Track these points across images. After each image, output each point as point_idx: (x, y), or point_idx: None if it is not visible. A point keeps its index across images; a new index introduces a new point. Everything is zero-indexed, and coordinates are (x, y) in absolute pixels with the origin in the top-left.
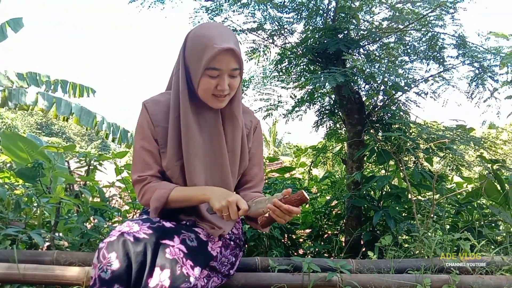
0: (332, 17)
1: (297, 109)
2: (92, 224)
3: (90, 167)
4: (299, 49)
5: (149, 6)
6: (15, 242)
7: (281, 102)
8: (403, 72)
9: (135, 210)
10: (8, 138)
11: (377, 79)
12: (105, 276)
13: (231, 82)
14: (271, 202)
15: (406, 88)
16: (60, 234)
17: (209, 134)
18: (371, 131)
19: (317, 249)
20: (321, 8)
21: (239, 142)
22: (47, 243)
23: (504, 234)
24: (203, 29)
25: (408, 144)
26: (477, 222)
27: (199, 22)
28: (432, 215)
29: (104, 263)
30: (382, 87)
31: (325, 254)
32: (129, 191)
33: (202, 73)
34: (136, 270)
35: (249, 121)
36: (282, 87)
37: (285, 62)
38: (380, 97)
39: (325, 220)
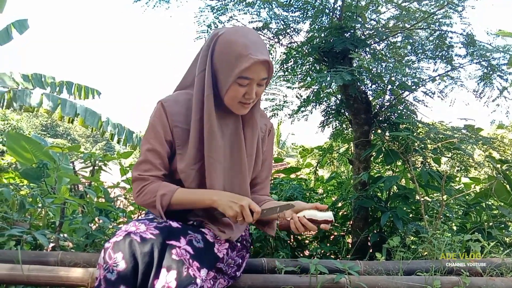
0: (338, 16)
1: (302, 109)
2: (97, 224)
3: (95, 168)
4: (305, 48)
5: (154, 6)
6: (20, 243)
7: (287, 102)
8: (410, 72)
9: (140, 211)
10: (12, 139)
11: (384, 79)
12: (111, 277)
13: (257, 90)
14: (283, 210)
15: (413, 87)
16: (65, 235)
17: (229, 139)
18: (378, 131)
19: (323, 251)
20: (327, 7)
21: (255, 146)
22: (52, 244)
23: None
24: (236, 34)
25: (416, 144)
26: (486, 223)
27: (204, 21)
28: (440, 216)
29: (110, 264)
30: (389, 87)
31: (331, 256)
32: None
33: (233, 81)
34: (143, 271)
35: (264, 124)
36: (288, 87)
37: (290, 62)
38: (387, 97)
39: None
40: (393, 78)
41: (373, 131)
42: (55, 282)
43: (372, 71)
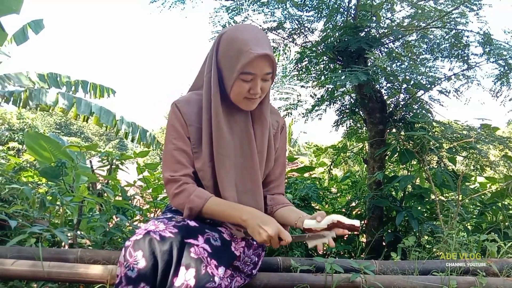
0: (353, 15)
1: (316, 108)
2: (114, 222)
3: (112, 166)
4: (319, 48)
5: (170, 6)
6: (39, 240)
7: (301, 101)
8: (426, 70)
9: (156, 209)
10: (31, 138)
11: (399, 77)
12: (132, 275)
13: (263, 86)
14: (312, 239)
15: (428, 86)
16: (82, 233)
17: (239, 136)
18: (393, 130)
19: (337, 250)
20: (341, 6)
21: (266, 143)
22: (69, 241)
23: None
24: (237, 32)
25: (431, 143)
26: (502, 223)
27: (219, 21)
28: (456, 216)
29: (131, 262)
30: (404, 86)
31: (345, 255)
32: (150, 190)
33: (236, 77)
34: (162, 269)
35: (275, 121)
36: (302, 86)
37: (305, 61)
38: (402, 96)
39: None
40: (408, 77)
41: (388, 130)
42: (74, 279)
43: (387, 70)
